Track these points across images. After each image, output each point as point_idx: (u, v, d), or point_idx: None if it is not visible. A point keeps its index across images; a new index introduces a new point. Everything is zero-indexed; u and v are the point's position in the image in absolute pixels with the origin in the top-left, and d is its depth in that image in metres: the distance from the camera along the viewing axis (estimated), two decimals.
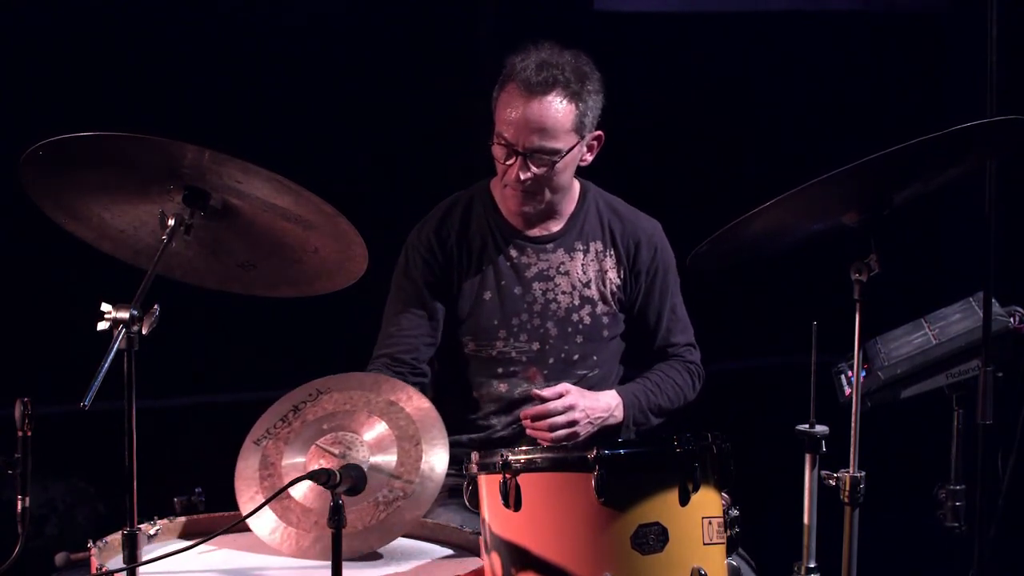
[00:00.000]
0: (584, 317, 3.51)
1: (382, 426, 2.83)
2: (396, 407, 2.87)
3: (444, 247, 3.52)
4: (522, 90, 3.34)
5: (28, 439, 2.50)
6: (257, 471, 2.84)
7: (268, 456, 2.86)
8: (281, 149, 4.32)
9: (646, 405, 3.49)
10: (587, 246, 3.54)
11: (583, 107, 3.37)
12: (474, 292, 3.50)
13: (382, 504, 2.73)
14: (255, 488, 2.82)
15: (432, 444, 2.80)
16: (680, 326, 3.63)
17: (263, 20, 5.11)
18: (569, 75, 3.35)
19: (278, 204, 2.65)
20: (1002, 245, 3.35)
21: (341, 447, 2.79)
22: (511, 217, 3.52)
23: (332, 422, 2.85)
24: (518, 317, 3.48)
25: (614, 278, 3.54)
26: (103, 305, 2.47)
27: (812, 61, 5.91)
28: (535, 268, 3.51)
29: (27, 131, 2.68)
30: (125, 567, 2.50)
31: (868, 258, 2.79)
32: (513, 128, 3.34)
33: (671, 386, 3.56)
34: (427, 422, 2.84)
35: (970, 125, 2.66)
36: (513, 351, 3.49)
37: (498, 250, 3.51)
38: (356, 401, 2.89)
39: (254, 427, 2.91)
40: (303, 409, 2.89)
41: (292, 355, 5.01)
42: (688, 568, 2.68)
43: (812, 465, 2.91)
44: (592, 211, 3.57)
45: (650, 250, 3.57)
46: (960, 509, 3.16)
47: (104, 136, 2.52)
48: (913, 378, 3.19)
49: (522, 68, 3.35)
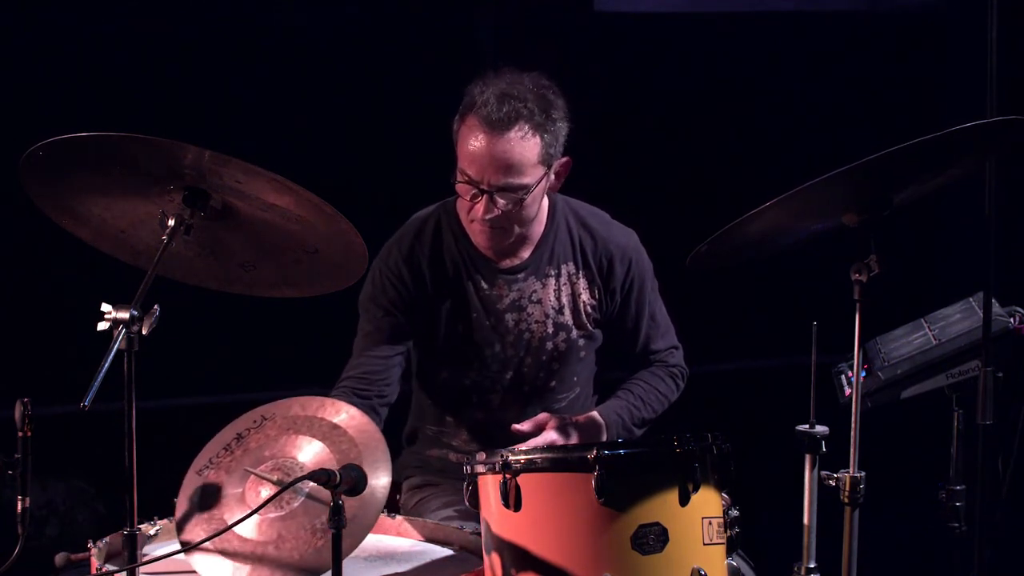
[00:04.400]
0: (559, 344, 3.44)
1: (323, 450, 2.68)
2: (339, 431, 2.72)
3: (415, 274, 3.40)
4: (484, 126, 3.19)
5: (28, 439, 2.50)
6: (199, 501, 2.68)
7: (209, 486, 2.70)
8: (281, 149, 4.33)
9: (629, 421, 3.43)
10: (558, 269, 3.44)
11: (548, 138, 3.23)
12: (446, 323, 3.41)
13: (319, 531, 2.58)
14: (204, 522, 2.65)
15: (374, 467, 2.64)
16: (660, 331, 3.56)
17: (263, 20, 5.11)
18: (532, 106, 3.21)
19: (278, 204, 2.65)
20: (1002, 245, 3.35)
21: (279, 473, 2.64)
22: (480, 245, 3.39)
23: (273, 448, 2.71)
24: (491, 348, 3.40)
25: (588, 299, 3.46)
26: (103, 305, 2.47)
27: (812, 61, 5.91)
28: (507, 299, 3.41)
29: (27, 131, 2.68)
30: (125, 567, 2.50)
31: (868, 258, 2.79)
32: (477, 166, 3.20)
33: (654, 396, 3.51)
34: (370, 445, 2.69)
35: (970, 125, 2.66)
36: (487, 380, 3.42)
37: (469, 280, 3.39)
38: (300, 425, 2.75)
39: (198, 456, 2.77)
40: (247, 436, 2.76)
41: (292, 355, 5.01)
42: (688, 568, 2.67)
43: (812, 465, 2.91)
44: (562, 230, 3.45)
45: (624, 264, 3.47)
46: (960, 509, 3.16)
47: (104, 136, 2.52)
48: (913, 378, 3.19)
49: (483, 102, 3.21)
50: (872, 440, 2.94)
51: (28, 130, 2.69)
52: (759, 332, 5.79)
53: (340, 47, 5.20)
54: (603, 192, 3.68)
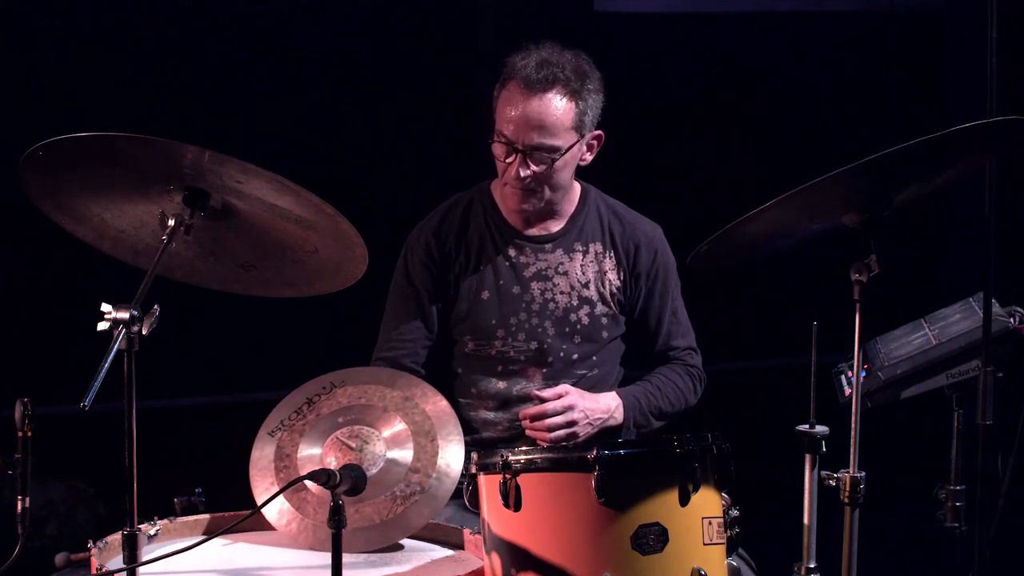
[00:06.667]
0: (582, 317, 3.51)
1: (398, 421, 2.87)
2: (411, 403, 2.91)
3: (443, 248, 3.53)
4: (522, 88, 3.36)
5: (28, 439, 2.50)
6: (272, 462, 2.88)
7: (283, 447, 2.89)
8: (281, 149, 4.32)
9: (647, 407, 3.49)
10: (586, 247, 3.55)
11: (583, 105, 3.39)
12: (472, 291, 3.51)
13: (399, 498, 2.78)
14: (270, 479, 2.85)
15: (448, 440, 2.85)
16: (681, 330, 3.64)
17: (263, 20, 5.11)
18: (569, 73, 3.37)
19: (278, 204, 2.65)
20: (1002, 245, 3.35)
21: (358, 441, 2.83)
22: (510, 216, 3.54)
23: (347, 416, 2.89)
24: (516, 316, 3.49)
25: (614, 279, 3.55)
26: (103, 305, 2.47)
27: (812, 61, 5.91)
28: (533, 268, 3.52)
29: (27, 131, 2.68)
30: (125, 567, 2.50)
31: (868, 258, 2.79)
32: (513, 125, 3.36)
33: (672, 389, 3.56)
34: (443, 418, 2.90)
35: (970, 125, 2.66)
36: (511, 350, 3.49)
37: (497, 249, 3.52)
38: (371, 395, 2.93)
39: (268, 418, 2.95)
40: (317, 402, 2.93)
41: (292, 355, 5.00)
42: (688, 568, 2.67)
43: (812, 465, 2.91)
44: (593, 213, 3.58)
45: (650, 253, 3.57)
46: (960, 509, 3.16)
47: (104, 136, 2.52)
48: (913, 378, 3.19)
49: (523, 66, 3.37)
50: (872, 440, 2.94)
51: (28, 130, 2.69)
52: (759, 332, 5.79)
53: (340, 47, 5.20)
54: (603, 191, 3.68)
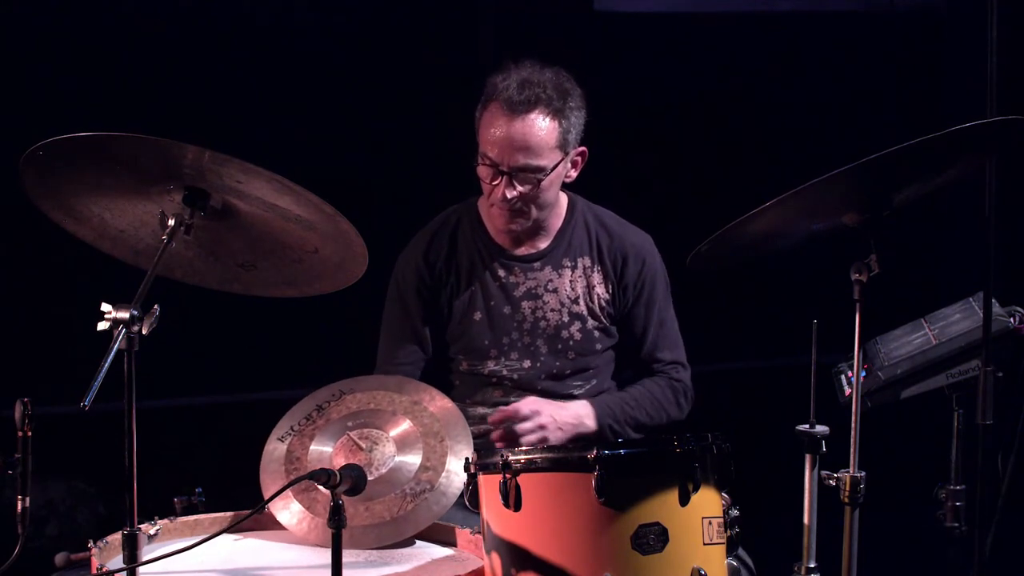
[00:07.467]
0: (574, 333, 3.52)
1: (407, 423, 2.95)
2: (420, 406, 2.99)
3: (432, 272, 3.54)
4: (505, 109, 3.36)
5: (28, 439, 2.50)
6: (283, 465, 2.93)
7: (293, 451, 2.95)
8: (281, 149, 4.32)
9: (621, 417, 3.47)
10: (574, 262, 3.55)
11: (566, 124, 3.39)
12: (464, 313, 3.52)
13: (409, 496, 2.84)
14: (280, 482, 2.88)
15: (456, 440, 2.92)
16: (668, 342, 3.61)
17: (263, 20, 5.10)
18: (551, 92, 3.37)
19: (278, 204, 2.65)
20: (1002, 245, 3.34)
21: (368, 442, 2.90)
22: (498, 236, 3.54)
23: (357, 420, 2.96)
24: (508, 336, 3.50)
25: (602, 293, 3.55)
26: (103, 305, 2.47)
27: (812, 61, 5.91)
28: (523, 287, 3.52)
29: (27, 131, 2.68)
30: (125, 567, 2.50)
31: (868, 258, 2.79)
32: (497, 148, 3.37)
33: (650, 401, 3.54)
34: (451, 420, 2.97)
35: (970, 125, 2.66)
36: (505, 369, 3.51)
37: (486, 270, 3.53)
38: (380, 400, 3.01)
39: (278, 424, 3.02)
40: (327, 408, 3.00)
41: (292, 355, 5.01)
42: (688, 568, 2.67)
43: (812, 465, 2.91)
44: (580, 226, 3.58)
45: (637, 263, 3.57)
46: (960, 509, 3.16)
47: (104, 136, 2.52)
48: (913, 378, 3.19)
49: (504, 87, 3.38)
50: (872, 440, 2.94)
51: (28, 130, 2.69)
52: (759, 332, 5.79)
53: (340, 47, 5.20)
54: (602, 192, 3.69)
